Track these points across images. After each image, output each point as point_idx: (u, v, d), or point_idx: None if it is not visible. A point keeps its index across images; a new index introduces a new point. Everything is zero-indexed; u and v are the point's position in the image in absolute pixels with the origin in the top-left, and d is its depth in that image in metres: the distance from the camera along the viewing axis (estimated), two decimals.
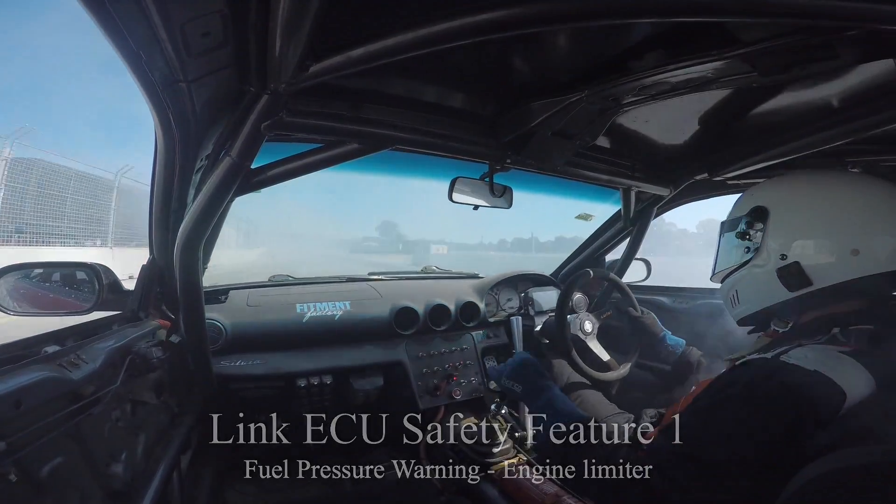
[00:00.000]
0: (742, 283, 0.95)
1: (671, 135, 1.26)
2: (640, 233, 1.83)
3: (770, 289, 0.88)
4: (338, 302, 1.66)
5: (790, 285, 0.85)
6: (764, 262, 0.89)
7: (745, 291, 0.95)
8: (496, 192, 1.30)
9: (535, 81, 0.96)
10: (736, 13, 0.61)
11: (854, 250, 0.80)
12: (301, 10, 0.56)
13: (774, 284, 0.87)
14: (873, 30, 0.63)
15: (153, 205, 1.09)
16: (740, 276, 0.95)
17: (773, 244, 0.87)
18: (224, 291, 1.65)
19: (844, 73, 0.84)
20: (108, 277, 1.12)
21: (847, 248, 0.80)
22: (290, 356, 1.53)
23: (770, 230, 0.88)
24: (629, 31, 0.77)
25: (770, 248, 0.88)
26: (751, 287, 0.93)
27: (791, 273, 0.84)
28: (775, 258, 0.87)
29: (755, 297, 0.92)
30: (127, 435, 0.92)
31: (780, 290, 0.86)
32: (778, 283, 0.86)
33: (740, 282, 0.95)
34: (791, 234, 0.86)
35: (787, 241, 0.86)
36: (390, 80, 0.94)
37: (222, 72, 0.72)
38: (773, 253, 0.87)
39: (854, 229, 0.81)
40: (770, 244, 0.88)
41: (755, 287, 0.92)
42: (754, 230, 0.90)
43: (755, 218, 0.90)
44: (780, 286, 0.86)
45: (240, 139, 0.81)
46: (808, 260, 0.83)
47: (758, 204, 0.90)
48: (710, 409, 0.78)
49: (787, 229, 0.87)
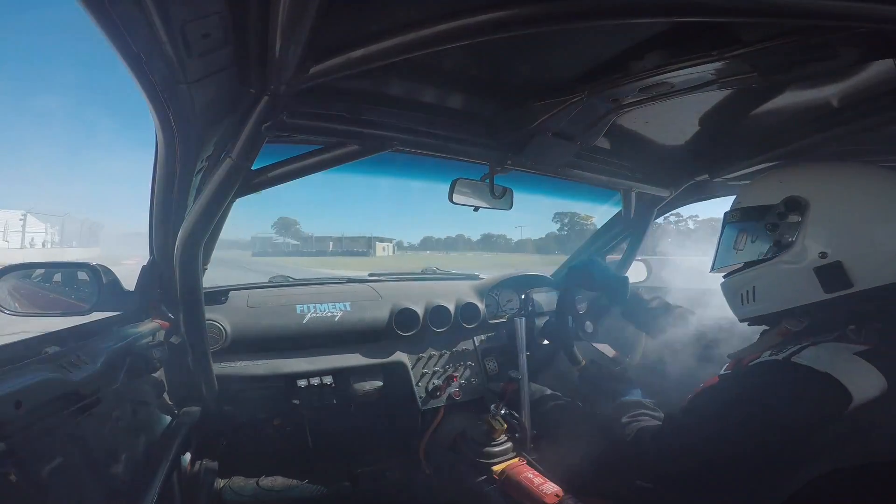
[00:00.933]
0: (763, 279, 0.87)
1: (671, 136, 1.26)
2: (640, 234, 1.83)
3: (801, 288, 0.81)
4: (338, 303, 1.66)
5: (828, 286, 0.78)
6: (797, 258, 0.81)
7: (767, 289, 0.87)
8: (496, 194, 1.29)
9: (536, 82, 0.96)
10: (736, 13, 0.61)
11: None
12: (301, 12, 0.56)
13: (808, 284, 0.80)
14: (873, 30, 0.63)
15: (153, 205, 1.09)
16: (762, 273, 0.87)
17: (813, 241, 0.80)
18: (224, 292, 1.65)
19: (844, 74, 0.84)
20: (109, 278, 1.12)
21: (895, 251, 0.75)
22: (290, 357, 1.53)
23: (810, 225, 0.80)
24: (629, 32, 0.77)
25: (807, 245, 0.80)
26: (775, 285, 0.85)
27: (831, 273, 0.78)
28: (813, 255, 0.79)
29: (779, 295, 0.85)
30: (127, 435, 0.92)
31: (813, 290, 0.80)
32: (812, 283, 0.79)
33: (761, 278, 0.87)
34: (836, 231, 0.79)
35: (829, 239, 0.79)
36: (390, 82, 0.94)
37: (223, 73, 0.72)
38: (811, 250, 0.80)
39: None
40: (808, 240, 0.80)
41: (782, 285, 0.84)
42: (787, 223, 0.82)
43: (790, 209, 0.82)
44: (815, 286, 0.79)
45: (240, 140, 0.81)
46: (854, 261, 0.77)
47: (795, 193, 0.82)
48: (719, 409, 0.79)
49: (832, 225, 0.80)
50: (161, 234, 1.13)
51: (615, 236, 1.90)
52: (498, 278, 2.03)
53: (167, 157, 0.93)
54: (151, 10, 0.54)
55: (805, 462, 0.66)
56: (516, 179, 1.31)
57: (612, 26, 0.73)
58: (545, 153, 1.15)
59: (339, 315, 1.63)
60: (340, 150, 0.98)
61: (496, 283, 1.99)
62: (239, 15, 0.61)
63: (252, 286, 1.79)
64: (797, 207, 0.81)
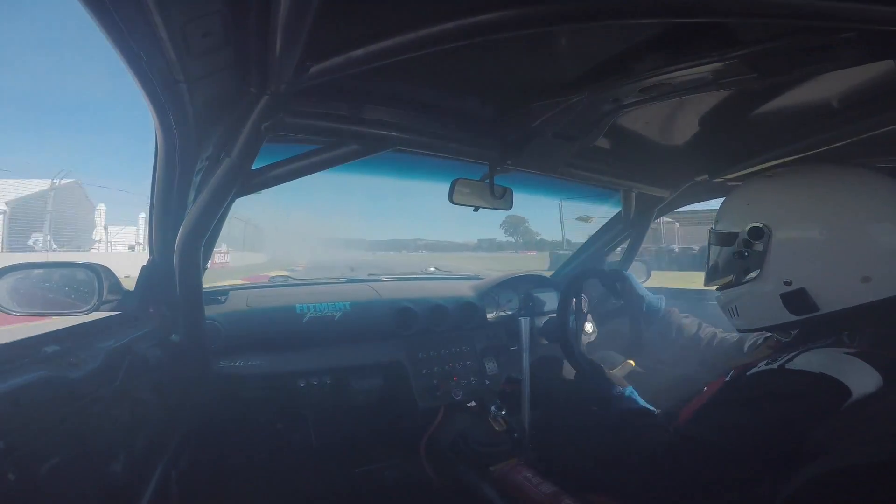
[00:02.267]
0: (742, 300, 0.91)
1: (672, 136, 1.26)
2: (640, 234, 1.83)
3: (773, 311, 0.84)
4: (337, 303, 1.66)
5: (794, 311, 0.81)
6: (765, 284, 0.84)
7: (745, 309, 0.91)
8: (496, 194, 1.29)
9: (536, 82, 0.96)
10: (736, 14, 0.61)
11: (865, 277, 0.76)
12: (301, 11, 0.56)
13: (777, 307, 0.83)
14: (873, 31, 0.63)
15: (153, 205, 1.09)
16: (739, 294, 0.91)
17: (776, 268, 0.83)
18: (224, 292, 1.65)
19: (844, 74, 0.84)
20: (109, 278, 1.12)
21: (857, 276, 0.77)
22: (289, 357, 1.53)
23: (773, 253, 0.83)
24: (630, 33, 0.77)
25: (772, 272, 0.83)
26: (752, 307, 0.89)
27: (796, 299, 0.81)
28: (778, 282, 0.82)
29: (756, 316, 0.89)
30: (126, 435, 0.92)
31: (783, 313, 0.83)
32: (781, 307, 0.82)
33: (740, 299, 0.91)
34: (797, 258, 0.81)
35: (791, 267, 0.81)
36: (391, 81, 0.94)
37: (223, 72, 0.72)
38: (776, 277, 0.83)
39: (865, 256, 0.77)
40: (772, 268, 0.83)
41: (756, 307, 0.88)
42: (753, 251, 0.85)
43: (754, 237, 0.85)
44: (783, 309, 0.82)
45: (240, 140, 0.81)
46: (815, 287, 0.79)
47: (758, 223, 0.85)
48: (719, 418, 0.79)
49: (793, 252, 0.82)
50: (161, 233, 1.13)
51: (615, 236, 1.90)
52: (498, 278, 2.03)
53: (167, 156, 0.93)
54: (151, 9, 0.54)
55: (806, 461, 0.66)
56: (516, 179, 1.31)
57: (612, 27, 0.73)
58: (545, 153, 1.15)
59: (338, 315, 1.64)
60: (340, 149, 0.98)
61: (496, 283, 1.99)
62: (239, 14, 0.61)
63: (252, 286, 1.79)
64: (760, 236, 0.84)
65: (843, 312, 0.78)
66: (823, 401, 0.69)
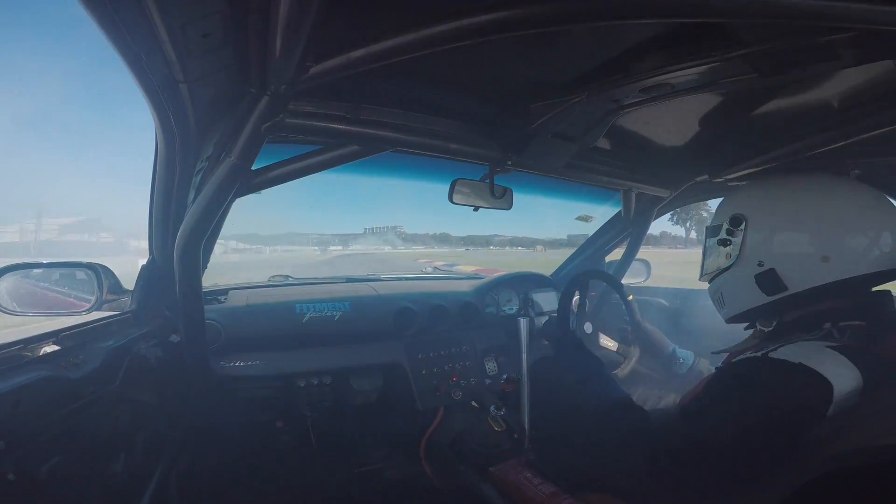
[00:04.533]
0: (725, 286, 0.99)
1: (672, 136, 1.26)
2: (640, 234, 1.83)
3: (750, 293, 0.92)
4: (337, 302, 1.66)
5: (767, 290, 0.89)
6: (743, 267, 0.92)
7: (729, 294, 0.99)
8: (496, 194, 1.29)
9: (536, 83, 0.96)
10: (736, 14, 0.61)
11: (824, 257, 0.83)
12: (301, 11, 0.56)
13: (754, 289, 0.91)
14: (873, 31, 0.63)
15: (153, 205, 1.09)
16: (724, 280, 0.99)
17: (750, 251, 0.91)
18: (223, 292, 1.65)
19: (844, 74, 0.84)
20: (109, 278, 1.13)
21: (817, 255, 0.84)
22: (289, 356, 1.53)
23: (748, 237, 0.92)
24: (630, 33, 0.77)
25: (748, 255, 0.92)
26: (733, 291, 0.97)
27: (767, 279, 0.88)
28: (753, 264, 0.91)
29: (737, 299, 0.97)
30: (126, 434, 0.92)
31: (759, 294, 0.90)
32: (757, 288, 0.90)
33: (724, 285, 0.99)
34: (765, 242, 0.90)
35: (762, 249, 0.90)
36: (390, 82, 0.94)
37: (222, 73, 0.72)
38: (752, 259, 0.91)
39: (822, 236, 0.84)
40: (747, 251, 0.92)
41: (737, 291, 0.96)
42: (734, 237, 0.94)
43: (734, 225, 0.94)
44: (759, 291, 0.90)
45: (240, 140, 0.81)
46: (782, 267, 0.87)
47: (737, 212, 0.94)
48: (709, 405, 0.82)
49: (762, 237, 0.90)
50: (161, 233, 1.13)
51: (615, 236, 1.90)
52: (498, 278, 2.03)
53: (167, 156, 0.93)
54: (152, 9, 0.54)
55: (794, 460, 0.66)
56: (516, 180, 1.31)
57: (612, 27, 0.73)
58: (545, 153, 1.15)
59: (338, 314, 1.64)
60: (340, 150, 0.98)
61: (496, 282, 1.99)
62: (239, 15, 0.61)
63: (251, 286, 1.79)
64: (739, 223, 0.93)
65: (809, 292, 0.85)
66: (803, 391, 0.71)
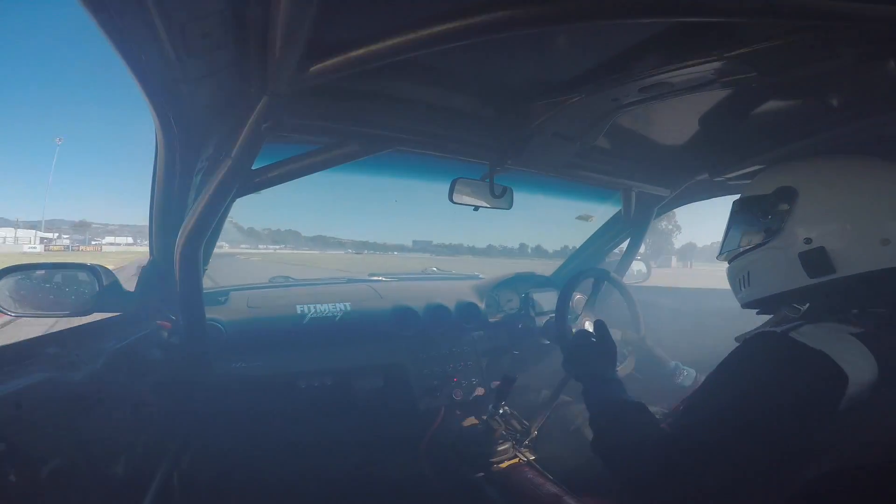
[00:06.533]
0: (757, 265, 0.91)
1: (671, 135, 1.26)
2: (640, 233, 1.83)
3: (788, 273, 0.84)
4: (338, 303, 1.66)
5: (812, 271, 0.81)
6: (785, 244, 0.85)
7: (760, 274, 0.91)
8: (496, 193, 1.29)
9: (536, 82, 0.96)
10: (736, 13, 0.60)
11: (885, 240, 0.77)
12: (301, 11, 0.56)
13: (794, 269, 0.83)
14: (873, 30, 0.63)
15: (153, 206, 1.09)
16: (755, 258, 0.91)
17: (799, 227, 0.84)
18: (224, 293, 1.65)
19: (844, 74, 0.84)
20: (109, 279, 1.12)
21: (877, 237, 0.78)
22: (290, 357, 1.53)
23: (797, 212, 0.84)
24: (629, 32, 0.77)
25: (794, 231, 0.84)
26: (766, 270, 0.89)
27: (814, 258, 0.81)
28: (799, 242, 0.83)
29: (770, 280, 0.89)
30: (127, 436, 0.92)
31: (799, 275, 0.83)
32: (798, 268, 0.83)
33: (755, 263, 0.91)
34: (819, 218, 0.82)
35: (813, 225, 0.82)
36: (390, 82, 0.94)
37: (223, 73, 0.72)
38: (797, 236, 0.83)
39: (887, 219, 0.78)
40: (794, 227, 0.84)
41: (771, 270, 0.88)
42: (778, 210, 0.87)
43: (781, 198, 0.87)
44: (800, 271, 0.83)
45: (240, 140, 0.81)
46: (834, 246, 0.80)
47: (786, 184, 0.87)
48: (723, 384, 0.78)
49: (816, 212, 0.83)
50: (161, 234, 1.13)
51: (615, 236, 1.90)
52: (498, 278, 2.03)
53: (167, 156, 0.93)
54: (151, 9, 0.54)
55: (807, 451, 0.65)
56: (516, 179, 1.31)
57: (612, 26, 0.73)
58: (545, 153, 1.15)
59: (339, 315, 1.64)
60: (340, 149, 0.98)
61: (496, 282, 1.99)
62: (239, 14, 0.61)
63: (252, 287, 1.79)
64: (787, 196, 0.86)
65: (858, 277, 0.78)
66: (817, 380, 0.69)
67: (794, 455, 0.67)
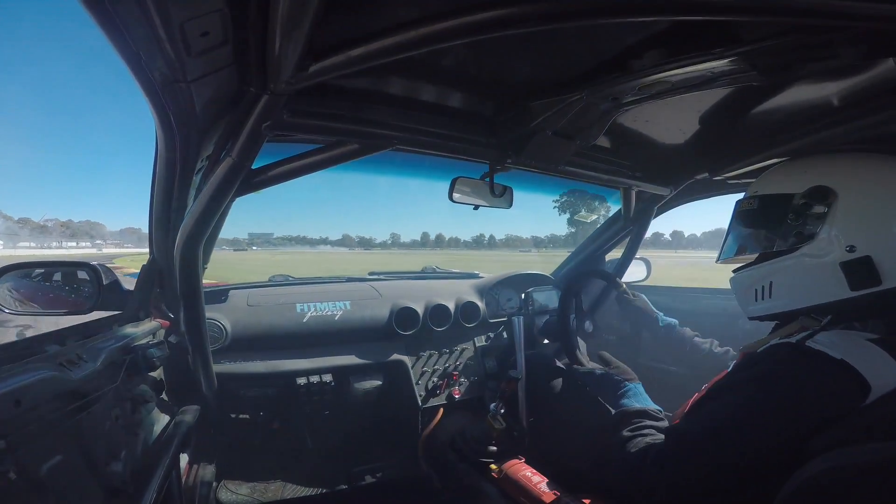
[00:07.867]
0: (783, 274, 0.80)
1: (671, 134, 1.26)
2: (640, 232, 1.83)
3: (825, 284, 0.74)
4: (338, 302, 1.67)
5: (855, 283, 0.72)
6: (821, 252, 0.75)
7: (787, 285, 0.80)
8: (496, 192, 1.30)
9: (535, 81, 0.96)
10: (736, 12, 0.60)
11: None
12: (301, 10, 0.56)
13: (832, 280, 0.74)
14: (873, 29, 0.63)
15: (153, 205, 1.09)
16: (781, 267, 0.80)
17: (839, 232, 0.74)
18: (224, 291, 1.65)
19: (844, 73, 0.84)
20: (109, 277, 1.12)
21: None
22: (290, 356, 1.54)
23: (837, 215, 0.74)
24: (629, 30, 0.77)
25: (833, 237, 0.74)
26: (796, 280, 0.78)
27: (859, 269, 0.71)
28: (839, 249, 0.73)
29: (801, 292, 0.78)
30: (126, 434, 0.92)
31: (838, 286, 0.73)
32: (837, 279, 0.74)
33: (780, 273, 0.80)
34: (865, 224, 0.73)
35: (859, 232, 0.73)
36: (390, 80, 0.94)
37: (222, 72, 0.72)
38: (837, 242, 0.74)
39: None
40: (833, 232, 0.74)
41: (803, 281, 0.77)
42: (812, 213, 0.76)
43: (815, 199, 0.76)
44: (839, 282, 0.73)
45: (240, 139, 0.81)
46: (885, 256, 0.71)
47: (821, 183, 0.77)
48: (730, 393, 0.75)
49: (860, 217, 0.73)
50: (161, 233, 1.13)
51: (615, 234, 1.90)
52: (498, 277, 2.03)
53: (167, 156, 0.93)
54: (150, 8, 0.54)
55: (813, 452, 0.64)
56: (516, 178, 1.31)
57: (611, 25, 0.73)
58: (545, 152, 1.15)
59: (339, 314, 1.64)
60: (340, 148, 0.98)
61: (496, 281, 1.99)
62: (238, 13, 0.60)
63: (252, 285, 1.79)
64: (824, 197, 0.76)
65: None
66: (841, 393, 0.65)
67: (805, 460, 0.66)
